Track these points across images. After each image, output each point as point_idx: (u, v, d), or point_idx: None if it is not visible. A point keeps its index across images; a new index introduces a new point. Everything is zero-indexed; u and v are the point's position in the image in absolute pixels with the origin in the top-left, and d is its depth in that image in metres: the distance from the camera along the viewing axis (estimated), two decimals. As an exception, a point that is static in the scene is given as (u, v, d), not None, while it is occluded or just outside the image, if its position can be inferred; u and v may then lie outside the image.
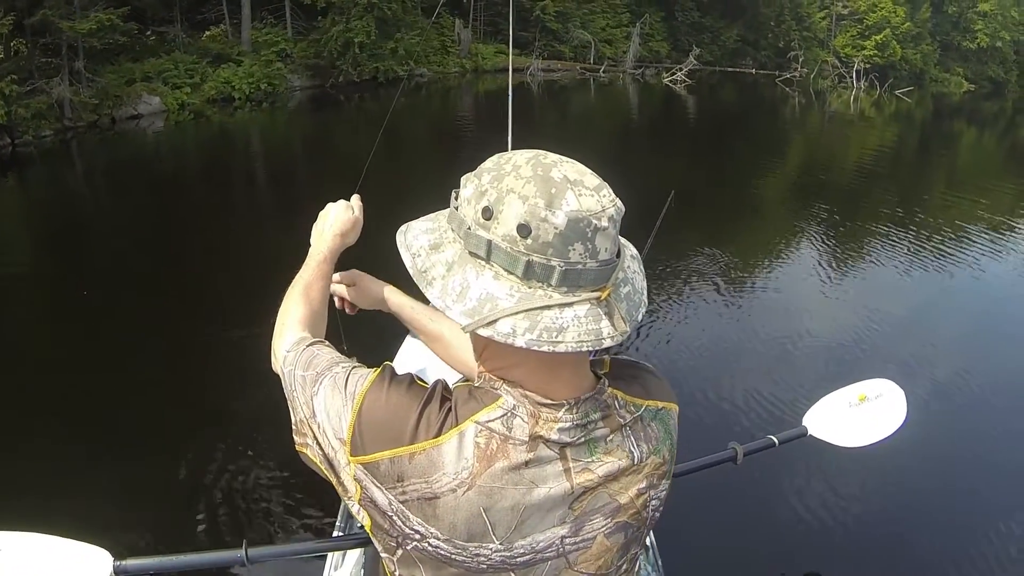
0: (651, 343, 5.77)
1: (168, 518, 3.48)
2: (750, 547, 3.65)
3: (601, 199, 0.81)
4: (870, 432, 2.14)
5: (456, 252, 0.84)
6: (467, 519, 0.84)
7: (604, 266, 0.81)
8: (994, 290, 8.28)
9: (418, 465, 0.84)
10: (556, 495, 0.86)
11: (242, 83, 17.02)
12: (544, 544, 0.88)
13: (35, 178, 11.70)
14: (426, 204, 1.06)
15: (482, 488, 0.84)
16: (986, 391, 5.49)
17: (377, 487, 0.86)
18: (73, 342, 5.33)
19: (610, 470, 0.89)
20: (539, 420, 0.85)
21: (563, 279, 0.79)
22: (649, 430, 0.95)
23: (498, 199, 0.80)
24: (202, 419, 4.26)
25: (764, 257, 8.49)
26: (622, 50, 29.52)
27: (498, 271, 0.81)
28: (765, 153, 16.41)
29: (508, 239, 0.79)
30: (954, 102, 34.67)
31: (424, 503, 0.85)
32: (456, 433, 0.84)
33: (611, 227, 0.82)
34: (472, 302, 0.80)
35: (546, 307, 0.78)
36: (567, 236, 0.78)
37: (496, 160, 0.86)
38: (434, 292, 0.83)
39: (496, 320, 0.78)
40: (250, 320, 5.35)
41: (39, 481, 3.53)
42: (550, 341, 0.78)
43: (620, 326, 0.82)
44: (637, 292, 0.88)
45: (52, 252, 7.68)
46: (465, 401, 0.87)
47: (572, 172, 0.82)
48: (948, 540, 3.94)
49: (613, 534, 0.92)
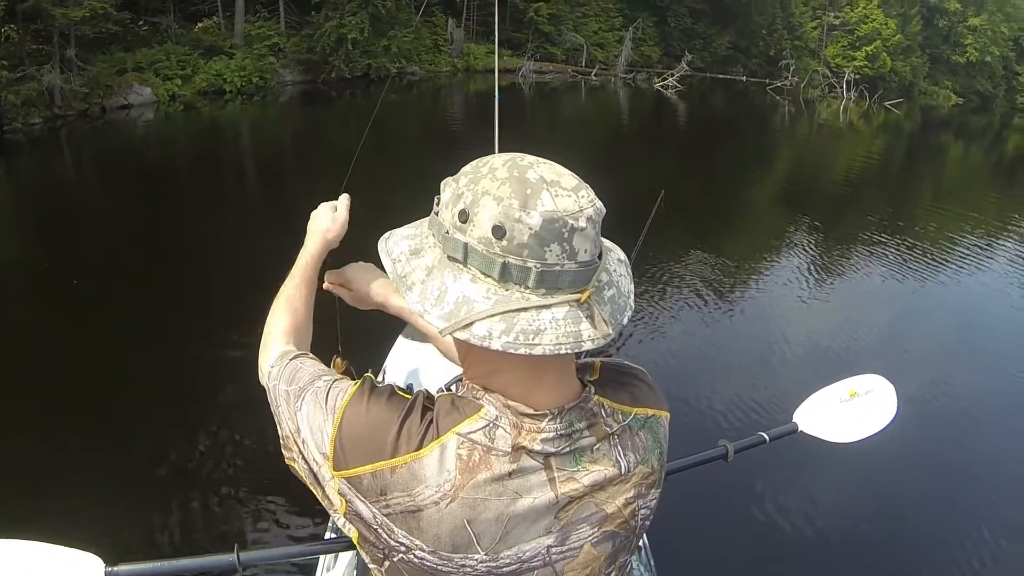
0: (640, 343, 5.83)
1: (159, 523, 3.47)
2: (741, 544, 3.70)
3: (579, 199, 0.80)
4: (861, 427, 2.13)
5: (436, 257, 0.84)
6: (451, 531, 0.84)
7: (584, 267, 0.80)
8: (979, 291, 8.51)
9: (400, 479, 0.84)
10: (541, 505, 0.86)
11: (234, 76, 16.96)
12: (530, 554, 0.87)
13: (24, 166, 11.62)
14: (407, 202, 1.10)
15: (465, 500, 0.83)
16: (972, 387, 5.65)
17: (361, 500, 0.86)
18: (61, 336, 5.26)
19: (596, 479, 0.89)
20: (522, 431, 0.84)
21: (540, 281, 0.78)
22: (637, 439, 0.93)
23: (473, 201, 0.80)
24: (193, 421, 4.23)
25: (753, 260, 8.62)
26: (613, 54, 29.50)
27: (475, 274, 0.80)
28: (755, 160, 16.56)
29: (484, 241, 0.79)
30: (942, 115, 34.98)
31: (408, 516, 0.84)
32: (438, 446, 0.84)
33: (590, 228, 0.80)
34: (449, 306, 0.80)
35: (523, 309, 0.78)
36: (543, 237, 0.78)
37: (474, 164, 0.85)
38: (413, 297, 0.83)
39: (472, 323, 0.78)
40: (241, 318, 5.30)
41: (28, 486, 3.50)
42: (527, 343, 0.77)
43: (602, 329, 0.81)
44: (623, 295, 0.87)
45: (39, 241, 7.62)
46: (447, 413, 0.86)
47: (549, 173, 0.81)
48: (939, 533, 4.03)
49: (600, 543, 0.91)
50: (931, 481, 4.45)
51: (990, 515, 4.13)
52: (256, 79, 17.45)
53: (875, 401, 2.22)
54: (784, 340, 6.15)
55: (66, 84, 13.14)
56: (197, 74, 16.46)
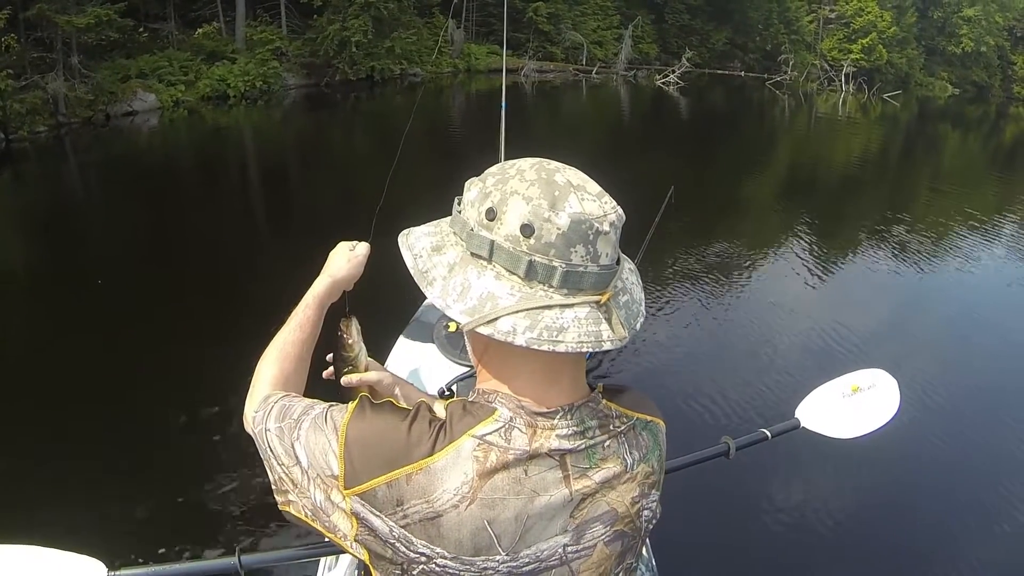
0: (645, 340, 5.77)
1: (162, 527, 3.44)
2: (744, 541, 3.66)
3: (603, 205, 0.83)
4: (863, 423, 2.11)
5: (458, 254, 0.86)
6: (472, 533, 0.84)
7: (605, 271, 0.83)
8: (981, 283, 8.46)
9: (416, 485, 0.84)
10: (556, 503, 0.87)
11: (237, 81, 16.91)
12: (548, 552, 0.88)
13: (29, 174, 11.56)
14: (423, 209, 1.04)
15: (484, 500, 0.84)
16: (976, 381, 5.60)
17: (376, 516, 0.85)
18: (64, 341, 5.20)
19: (606, 476, 0.90)
20: (537, 430, 0.86)
21: (564, 281, 0.81)
22: (640, 439, 0.96)
23: (502, 200, 0.82)
24: (194, 425, 4.20)
25: (754, 254, 8.55)
26: (612, 52, 29.62)
27: (500, 271, 0.82)
28: (756, 154, 16.61)
29: (511, 239, 0.81)
30: (939, 106, 35.19)
31: (427, 523, 0.84)
32: (453, 449, 0.84)
33: (612, 232, 0.84)
34: (473, 301, 0.82)
35: (547, 307, 0.80)
36: (569, 237, 0.80)
37: (500, 166, 0.88)
38: (434, 292, 0.85)
39: (497, 318, 0.80)
40: (244, 324, 5.28)
41: (30, 490, 3.47)
42: (551, 340, 0.79)
43: (619, 331, 0.83)
44: (636, 302, 0.90)
45: (45, 249, 7.56)
46: (460, 417, 0.87)
47: (575, 178, 0.85)
48: (943, 530, 3.98)
49: (612, 542, 0.93)
50: (935, 477, 4.42)
51: (994, 511, 4.09)
52: (259, 83, 17.39)
53: (878, 396, 2.19)
54: (785, 334, 6.12)
55: (71, 92, 13.03)
56: (200, 80, 16.39)
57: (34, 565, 1.32)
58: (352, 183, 10.52)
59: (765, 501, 3.96)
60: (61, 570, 1.32)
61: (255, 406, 1.04)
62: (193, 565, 1.41)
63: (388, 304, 3.14)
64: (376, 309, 1.27)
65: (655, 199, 2.96)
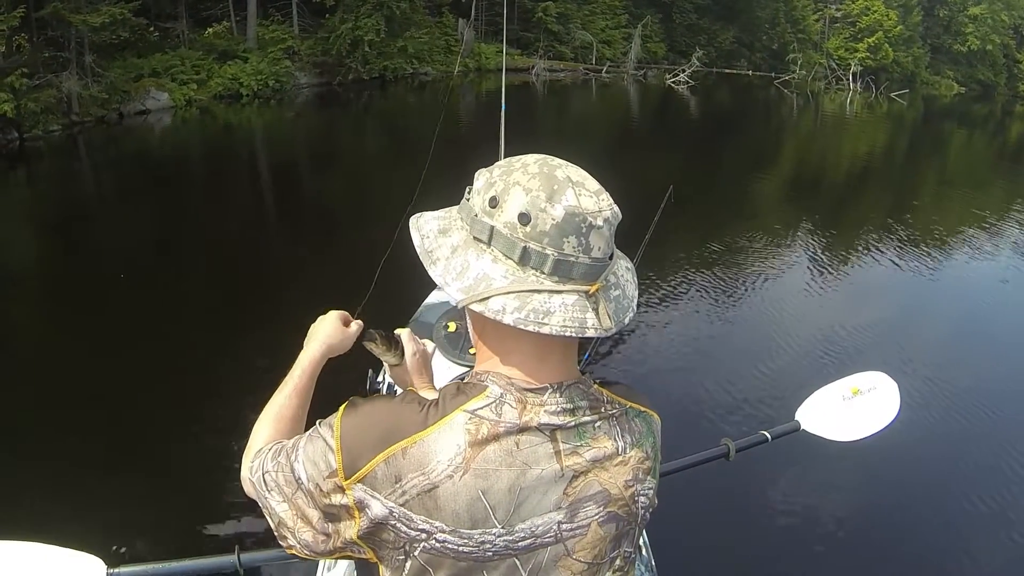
0: (643, 340, 5.73)
1: (161, 524, 3.44)
2: (743, 543, 3.65)
3: (599, 201, 0.88)
4: (864, 426, 2.10)
5: (462, 238, 0.90)
6: (468, 504, 0.87)
7: (596, 263, 0.87)
8: (985, 285, 8.38)
9: (412, 458, 0.87)
10: (548, 476, 0.90)
11: (249, 80, 16.92)
12: (543, 528, 0.91)
13: (43, 172, 11.54)
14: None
15: (477, 471, 0.86)
16: (977, 383, 5.53)
17: (377, 499, 0.88)
18: (69, 339, 5.18)
19: (596, 455, 0.93)
20: (527, 405, 0.89)
21: (555, 268, 0.85)
22: (633, 424, 0.98)
23: (504, 189, 0.87)
24: (196, 424, 4.19)
25: (756, 255, 8.46)
26: (621, 51, 29.67)
27: (497, 255, 0.87)
28: (763, 152, 16.63)
29: (509, 226, 0.85)
30: (944, 104, 35.27)
31: (425, 497, 0.87)
32: (446, 422, 0.88)
33: (606, 228, 0.87)
34: (469, 280, 0.87)
35: (536, 291, 0.84)
36: (563, 228, 0.84)
37: (508, 159, 0.93)
38: (437, 270, 0.89)
39: (489, 297, 0.84)
40: (252, 324, 5.26)
41: (30, 487, 3.46)
42: (536, 322, 0.83)
43: (605, 321, 0.87)
44: (627, 298, 0.93)
45: (58, 247, 7.56)
46: (453, 396, 0.90)
47: (575, 175, 0.89)
48: (942, 532, 3.96)
49: (606, 523, 0.95)
50: (935, 480, 4.40)
51: (995, 514, 4.07)
52: (272, 82, 17.41)
53: (878, 399, 2.19)
54: (786, 336, 6.06)
55: (84, 91, 12.98)
56: (212, 78, 16.39)
57: (35, 562, 1.33)
58: (365, 182, 10.54)
59: (765, 503, 3.97)
60: (61, 567, 1.33)
61: (250, 460, 1.05)
62: (192, 563, 1.42)
63: (388, 304, 3.05)
64: (377, 309, 1.20)
65: (657, 197, 2.97)
